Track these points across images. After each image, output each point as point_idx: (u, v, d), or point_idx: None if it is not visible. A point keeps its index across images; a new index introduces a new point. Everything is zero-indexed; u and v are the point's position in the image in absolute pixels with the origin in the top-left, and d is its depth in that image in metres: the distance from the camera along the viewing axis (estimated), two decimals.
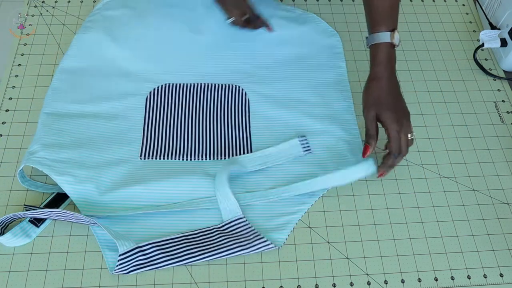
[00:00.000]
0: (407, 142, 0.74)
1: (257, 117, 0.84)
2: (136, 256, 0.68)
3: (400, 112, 0.75)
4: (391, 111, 0.74)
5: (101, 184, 0.73)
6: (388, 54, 0.75)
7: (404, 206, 0.76)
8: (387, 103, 0.74)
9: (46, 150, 0.74)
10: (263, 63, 0.91)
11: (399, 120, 0.73)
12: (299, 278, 0.69)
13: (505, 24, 0.93)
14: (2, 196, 0.74)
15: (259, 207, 0.74)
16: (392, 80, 0.76)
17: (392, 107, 0.74)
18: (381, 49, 0.75)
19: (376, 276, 0.70)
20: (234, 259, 0.70)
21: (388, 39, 0.75)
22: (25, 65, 0.89)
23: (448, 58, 0.96)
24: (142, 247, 0.68)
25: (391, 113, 0.73)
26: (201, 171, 0.76)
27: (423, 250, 0.72)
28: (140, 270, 0.68)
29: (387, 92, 0.75)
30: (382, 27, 0.75)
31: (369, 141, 0.75)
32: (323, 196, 0.76)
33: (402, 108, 0.75)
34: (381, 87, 0.75)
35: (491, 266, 0.71)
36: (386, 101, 0.74)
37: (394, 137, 0.73)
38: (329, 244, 0.72)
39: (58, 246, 0.70)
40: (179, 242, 0.70)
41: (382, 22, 0.75)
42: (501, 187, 0.79)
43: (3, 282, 0.66)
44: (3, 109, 0.83)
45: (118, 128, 0.81)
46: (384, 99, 0.74)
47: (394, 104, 0.75)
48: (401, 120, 0.73)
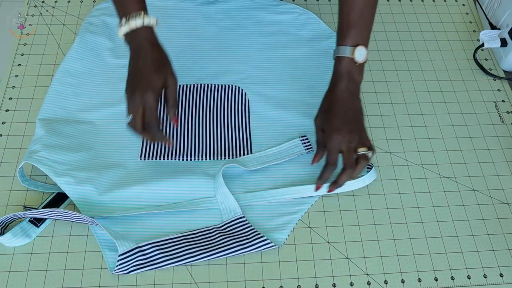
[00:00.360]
0: (350, 157, 0.71)
1: (257, 118, 0.84)
2: (136, 256, 0.68)
3: (350, 125, 0.71)
4: (336, 122, 0.71)
5: (101, 184, 0.73)
6: (348, 68, 0.72)
7: (404, 206, 0.76)
8: (334, 113, 0.72)
9: (46, 150, 0.74)
10: (263, 65, 0.91)
11: (344, 132, 0.70)
12: (299, 278, 0.69)
13: (505, 24, 0.93)
14: (2, 196, 0.74)
15: (259, 207, 0.74)
16: (348, 94, 0.73)
17: (339, 118, 0.71)
18: (341, 62, 0.72)
19: (376, 276, 0.70)
20: (234, 259, 0.70)
21: (349, 54, 0.72)
22: (25, 65, 0.89)
23: (448, 58, 0.96)
24: (142, 247, 0.68)
25: (336, 123, 0.71)
26: (201, 171, 0.76)
27: (423, 250, 0.72)
28: (140, 270, 0.68)
29: (338, 104, 0.72)
30: (347, 41, 0.72)
31: (317, 149, 0.74)
32: (323, 196, 0.76)
33: (353, 121, 0.72)
34: (333, 98, 0.73)
35: (491, 266, 0.71)
36: (333, 112, 0.72)
37: (330, 148, 0.71)
38: (329, 244, 0.72)
39: (58, 246, 0.70)
40: (179, 242, 0.70)
41: (347, 36, 0.72)
42: (501, 187, 0.79)
43: (3, 282, 0.66)
44: (3, 109, 0.83)
45: (118, 132, 0.81)
46: (333, 109, 0.72)
47: (343, 115, 0.71)
48: (348, 133, 0.70)
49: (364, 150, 0.71)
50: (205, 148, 0.80)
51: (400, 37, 0.98)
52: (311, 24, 0.97)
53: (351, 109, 0.73)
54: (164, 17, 0.95)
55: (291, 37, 0.95)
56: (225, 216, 0.73)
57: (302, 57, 0.92)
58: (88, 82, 0.86)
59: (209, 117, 0.84)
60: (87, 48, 0.90)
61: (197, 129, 0.82)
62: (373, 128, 0.85)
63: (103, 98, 0.84)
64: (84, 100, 0.84)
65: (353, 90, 0.73)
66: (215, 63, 0.91)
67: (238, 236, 0.71)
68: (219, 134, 0.82)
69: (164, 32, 0.93)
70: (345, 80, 0.72)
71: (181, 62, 0.90)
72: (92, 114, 0.82)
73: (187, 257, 0.69)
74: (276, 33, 0.95)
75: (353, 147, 0.71)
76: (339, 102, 0.72)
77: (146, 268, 0.68)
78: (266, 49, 0.93)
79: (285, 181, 0.77)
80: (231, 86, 0.88)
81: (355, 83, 0.73)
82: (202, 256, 0.69)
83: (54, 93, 0.83)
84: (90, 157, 0.77)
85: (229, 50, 0.93)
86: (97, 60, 0.89)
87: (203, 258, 0.69)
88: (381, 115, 0.86)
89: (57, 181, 0.72)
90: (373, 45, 0.96)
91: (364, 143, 0.72)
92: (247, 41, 0.94)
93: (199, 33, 0.95)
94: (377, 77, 0.91)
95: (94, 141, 0.79)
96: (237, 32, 0.95)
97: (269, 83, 0.88)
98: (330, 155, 0.71)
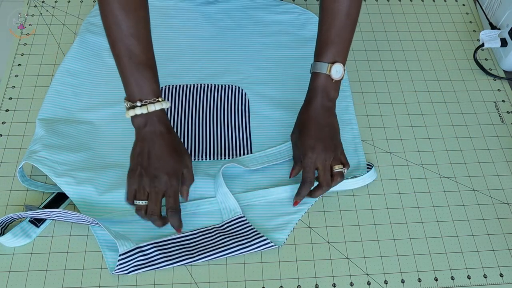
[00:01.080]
0: (326, 175, 0.71)
1: (257, 118, 0.84)
2: (136, 256, 0.68)
3: (325, 142, 0.71)
4: (311, 139, 0.71)
5: (100, 184, 0.73)
6: (324, 84, 0.72)
7: (404, 206, 0.76)
8: (308, 131, 0.72)
9: (47, 151, 0.74)
10: (263, 65, 0.91)
11: (319, 150, 0.70)
12: (299, 278, 0.69)
13: (505, 24, 0.93)
14: (2, 196, 0.74)
15: (259, 207, 0.74)
16: (323, 110, 0.72)
17: (313, 136, 0.71)
18: (318, 78, 0.72)
19: (376, 276, 0.70)
20: (234, 259, 0.70)
21: (325, 70, 0.71)
22: (25, 65, 0.89)
23: (448, 58, 0.96)
24: (142, 247, 0.68)
25: (311, 141, 0.71)
26: (201, 171, 0.76)
27: (423, 250, 0.72)
28: (140, 271, 0.68)
29: (313, 120, 0.72)
30: (324, 58, 0.72)
31: (294, 164, 0.76)
32: (323, 196, 0.76)
33: (328, 138, 0.72)
34: (308, 114, 0.73)
35: (491, 266, 0.71)
36: (308, 129, 0.72)
37: (305, 165, 0.71)
38: (329, 244, 0.72)
39: (58, 246, 0.70)
40: (179, 242, 0.70)
41: (324, 52, 0.72)
42: (501, 187, 0.79)
43: (3, 282, 0.66)
44: (3, 109, 0.83)
45: (118, 132, 0.81)
46: (308, 126, 0.72)
47: (317, 133, 0.71)
48: (323, 151, 0.70)
49: (339, 168, 0.71)
50: (205, 148, 0.80)
51: (400, 37, 0.98)
52: (311, 24, 0.97)
53: (326, 126, 0.72)
54: (164, 17, 0.96)
55: (291, 37, 0.95)
56: (225, 215, 0.73)
57: (302, 57, 0.92)
58: (88, 82, 0.86)
59: (209, 117, 0.84)
60: (87, 48, 0.90)
61: (197, 129, 0.82)
62: (373, 128, 0.85)
63: (103, 98, 0.84)
64: (84, 100, 0.84)
65: (328, 107, 0.73)
66: (215, 63, 0.91)
67: (238, 236, 0.71)
68: (219, 134, 0.82)
69: (164, 32, 0.94)
70: (320, 97, 0.72)
71: (181, 62, 0.90)
72: (92, 114, 0.82)
73: (187, 257, 0.69)
74: (276, 33, 0.95)
75: (328, 165, 0.71)
76: (313, 119, 0.72)
77: (147, 269, 0.68)
78: (266, 49, 0.93)
79: (285, 181, 0.77)
80: (231, 86, 0.88)
81: (330, 100, 0.73)
82: (202, 257, 0.69)
83: (54, 93, 0.83)
84: (89, 157, 0.77)
85: (229, 50, 0.93)
86: (97, 60, 0.89)
87: (203, 259, 0.69)
88: (381, 115, 0.86)
89: (57, 182, 0.72)
90: (373, 45, 0.96)
91: (340, 159, 0.72)
92: (247, 41, 0.94)
93: (199, 33, 0.95)
94: (377, 77, 0.91)
95: (94, 141, 0.79)
96: (237, 32, 0.95)
97: (269, 83, 0.88)
98: (306, 172, 0.71)
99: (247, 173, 0.77)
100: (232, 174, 0.76)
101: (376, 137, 0.84)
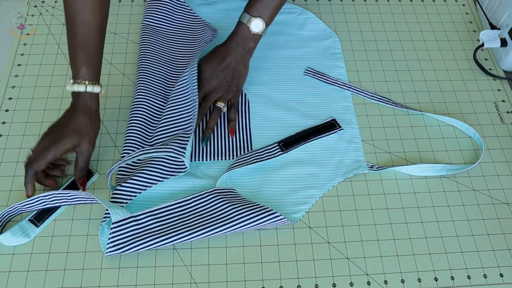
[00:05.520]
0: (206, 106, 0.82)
1: (257, 118, 0.84)
2: (129, 225, 0.68)
3: (220, 80, 0.82)
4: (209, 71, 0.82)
5: None
6: (243, 34, 0.81)
7: (404, 206, 0.76)
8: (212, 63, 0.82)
9: None
10: (263, 65, 0.91)
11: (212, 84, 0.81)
12: (299, 278, 0.69)
13: (505, 24, 0.93)
14: (2, 196, 0.74)
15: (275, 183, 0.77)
16: (234, 54, 0.82)
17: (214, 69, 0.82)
18: (240, 27, 0.82)
19: (376, 276, 0.70)
20: (234, 259, 0.70)
21: (245, 21, 0.80)
22: (25, 65, 0.89)
23: (448, 58, 0.96)
24: (136, 216, 0.69)
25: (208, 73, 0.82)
26: (201, 172, 0.77)
27: (423, 250, 0.72)
28: (136, 244, 0.67)
29: (220, 56, 0.82)
30: (251, 11, 0.80)
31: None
32: (323, 196, 0.76)
33: (225, 78, 0.82)
34: (220, 50, 0.83)
35: (491, 266, 0.71)
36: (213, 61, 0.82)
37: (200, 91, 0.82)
38: (329, 244, 0.72)
39: (58, 246, 0.70)
40: (174, 210, 0.71)
41: (253, 6, 0.80)
42: (501, 187, 0.79)
43: (3, 282, 0.66)
44: (3, 109, 0.83)
45: None
46: (213, 59, 0.82)
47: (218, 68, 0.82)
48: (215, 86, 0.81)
49: (220, 105, 0.81)
50: (205, 149, 0.80)
51: (400, 37, 0.98)
52: (311, 24, 0.97)
53: (230, 68, 0.82)
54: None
55: (290, 37, 0.95)
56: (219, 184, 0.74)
57: (302, 57, 0.92)
58: None
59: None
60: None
61: (197, 130, 0.82)
62: (373, 128, 0.85)
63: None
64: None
65: (240, 53, 0.82)
66: None
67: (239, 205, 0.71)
68: (220, 134, 0.82)
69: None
70: (236, 42, 0.82)
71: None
72: None
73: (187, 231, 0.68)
74: (275, 33, 0.95)
75: (213, 98, 0.81)
76: (221, 56, 0.82)
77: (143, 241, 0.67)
78: (266, 49, 0.93)
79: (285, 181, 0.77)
80: None
81: (244, 48, 0.82)
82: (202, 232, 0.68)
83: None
84: None
85: None
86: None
87: (203, 235, 0.68)
88: (381, 115, 0.86)
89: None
90: (373, 45, 0.96)
91: (227, 100, 0.82)
92: None
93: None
94: (377, 77, 0.91)
95: None
96: None
97: (268, 83, 0.88)
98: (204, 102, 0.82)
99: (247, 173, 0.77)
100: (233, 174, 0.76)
101: (376, 137, 0.84)
